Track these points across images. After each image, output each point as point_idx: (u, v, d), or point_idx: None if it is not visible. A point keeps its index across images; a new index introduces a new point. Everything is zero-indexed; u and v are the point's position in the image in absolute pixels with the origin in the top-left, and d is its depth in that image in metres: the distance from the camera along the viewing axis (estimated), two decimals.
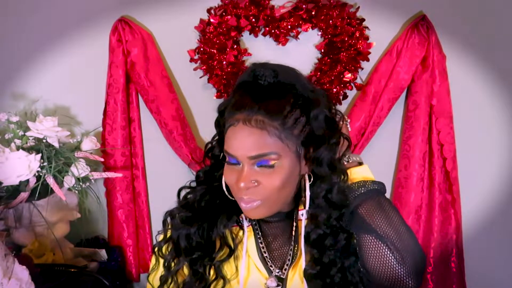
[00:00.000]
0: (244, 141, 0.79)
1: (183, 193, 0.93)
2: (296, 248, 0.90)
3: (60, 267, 1.38)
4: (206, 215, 0.88)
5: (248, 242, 0.89)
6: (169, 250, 0.90)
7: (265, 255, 0.89)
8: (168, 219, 0.91)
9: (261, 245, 0.90)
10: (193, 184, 0.92)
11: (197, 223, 0.88)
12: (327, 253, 0.84)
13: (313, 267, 0.86)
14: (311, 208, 0.85)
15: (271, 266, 0.89)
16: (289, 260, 0.89)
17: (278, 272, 0.88)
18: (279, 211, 0.88)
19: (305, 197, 0.84)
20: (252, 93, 0.80)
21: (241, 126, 0.79)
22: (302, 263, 0.87)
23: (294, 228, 0.91)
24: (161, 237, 0.92)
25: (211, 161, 0.91)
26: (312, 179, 0.84)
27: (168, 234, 0.90)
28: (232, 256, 0.88)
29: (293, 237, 0.91)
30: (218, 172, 0.89)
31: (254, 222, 0.91)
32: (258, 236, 0.90)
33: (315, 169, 0.82)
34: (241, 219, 0.90)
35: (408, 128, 1.62)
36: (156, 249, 0.91)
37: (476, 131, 1.69)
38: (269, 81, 0.80)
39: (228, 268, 0.88)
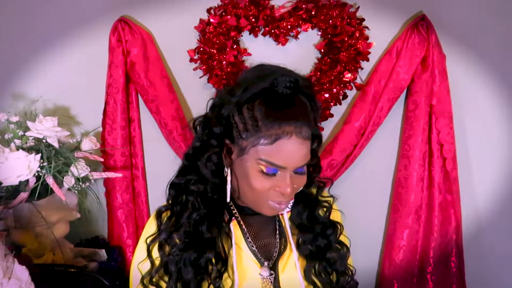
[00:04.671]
0: (297, 153, 0.80)
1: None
2: (282, 239, 0.94)
3: (59, 267, 1.38)
4: (201, 239, 0.86)
5: (236, 235, 0.91)
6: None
7: (253, 248, 0.91)
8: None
9: (248, 239, 0.91)
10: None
11: (193, 249, 0.86)
12: (314, 233, 0.92)
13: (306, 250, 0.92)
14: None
15: (261, 259, 0.91)
16: (275, 251, 0.92)
17: (268, 263, 0.91)
18: None
19: None
20: (289, 103, 0.80)
21: (294, 139, 0.79)
22: (293, 253, 0.91)
23: (277, 221, 0.95)
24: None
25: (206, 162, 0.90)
26: None
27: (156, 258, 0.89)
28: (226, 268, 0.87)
29: (277, 229, 0.94)
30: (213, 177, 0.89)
31: (238, 218, 0.93)
32: (245, 232, 0.92)
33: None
34: (225, 219, 0.91)
35: (408, 128, 1.62)
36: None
37: (476, 131, 1.68)
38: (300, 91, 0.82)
39: (224, 279, 0.88)
